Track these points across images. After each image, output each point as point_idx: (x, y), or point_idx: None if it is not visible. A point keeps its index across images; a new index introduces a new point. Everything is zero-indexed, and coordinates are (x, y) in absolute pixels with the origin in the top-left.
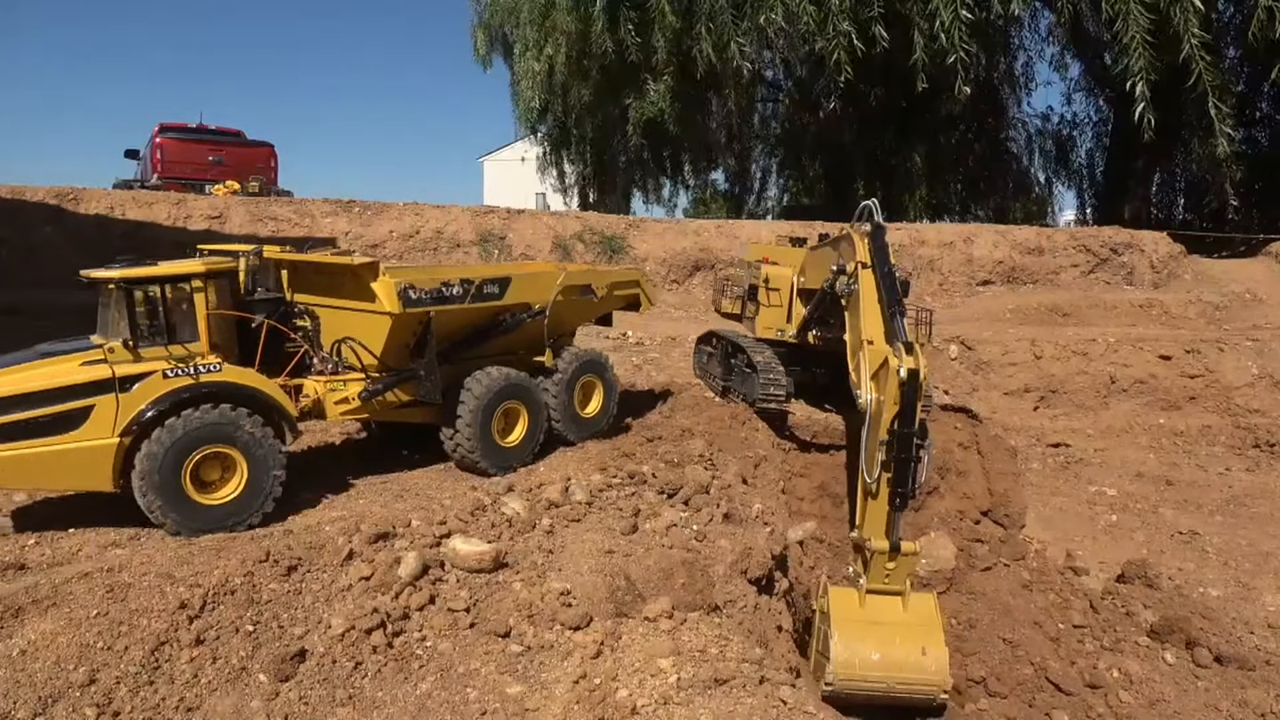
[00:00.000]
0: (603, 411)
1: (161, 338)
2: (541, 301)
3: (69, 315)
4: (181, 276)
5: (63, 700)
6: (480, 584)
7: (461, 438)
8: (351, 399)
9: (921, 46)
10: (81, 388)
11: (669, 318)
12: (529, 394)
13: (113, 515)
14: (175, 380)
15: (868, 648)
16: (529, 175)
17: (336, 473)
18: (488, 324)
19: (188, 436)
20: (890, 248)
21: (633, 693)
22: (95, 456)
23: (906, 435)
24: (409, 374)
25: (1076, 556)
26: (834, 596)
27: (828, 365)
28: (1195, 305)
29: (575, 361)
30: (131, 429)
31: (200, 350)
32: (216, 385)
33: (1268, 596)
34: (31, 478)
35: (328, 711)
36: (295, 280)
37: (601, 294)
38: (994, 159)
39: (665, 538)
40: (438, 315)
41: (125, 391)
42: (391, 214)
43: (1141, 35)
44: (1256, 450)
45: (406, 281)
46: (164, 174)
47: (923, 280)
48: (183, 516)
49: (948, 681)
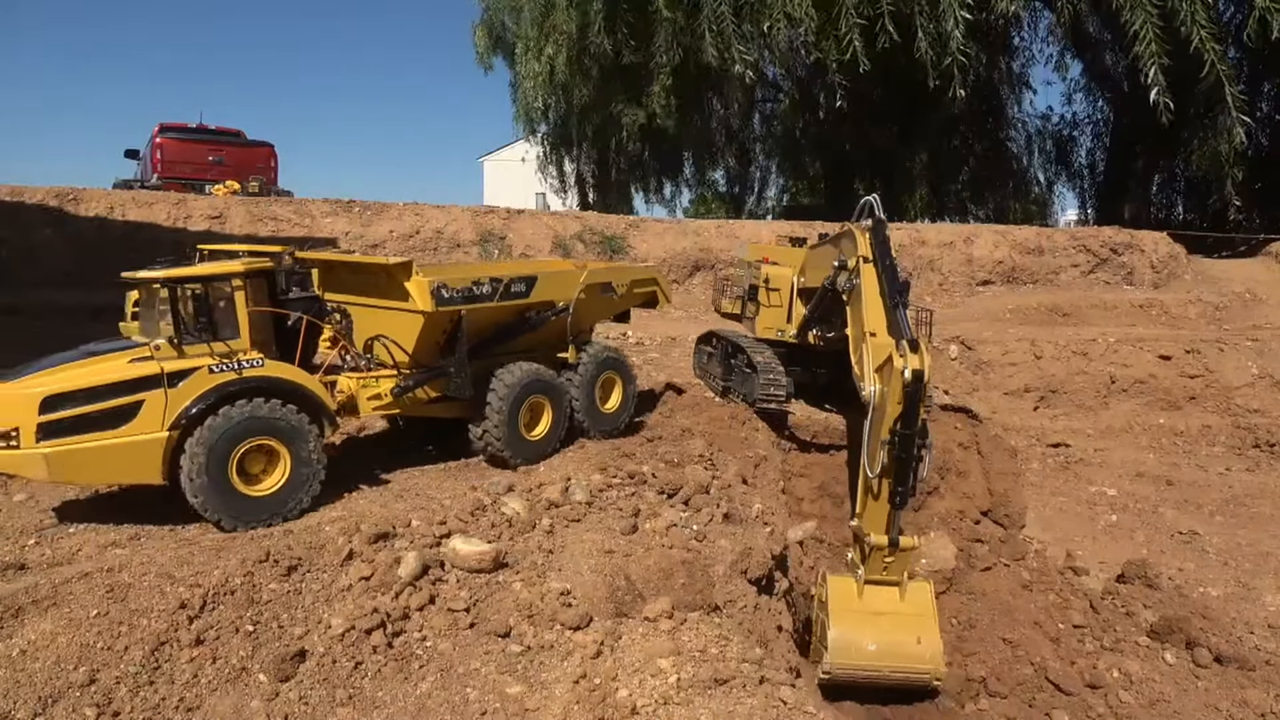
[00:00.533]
0: (623, 407)
1: (204, 335)
2: (565, 299)
3: (69, 315)
4: (223, 276)
5: (63, 700)
6: (480, 584)
7: (490, 431)
8: (384, 395)
9: (926, 45)
10: (132, 383)
11: (669, 317)
12: (553, 388)
13: (113, 515)
14: (220, 375)
15: (864, 637)
16: (529, 175)
17: (336, 473)
18: (514, 321)
19: (234, 429)
20: (890, 245)
21: (633, 693)
22: (146, 450)
23: (908, 436)
24: (439, 370)
25: (1076, 556)
26: (832, 586)
27: (828, 365)
28: (1195, 305)
29: (597, 358)
30: (180, 423)
31: (242, 347)
32: (260, 380)
33: (1268, 596)
34: (86, 472)
35: (328, 711)
36: (326, 280)
37: (622, 291)
38: (994, 159)
39: (665, 538)
40: (468, 313)
41: (173, 387)
42: (391, 214)
43: (1151, 22)
44: (1256, 450)
45: (439, 280)
46: (164, 174)
47: (923, 280)
48: (230, 508)
49: (941, 669)
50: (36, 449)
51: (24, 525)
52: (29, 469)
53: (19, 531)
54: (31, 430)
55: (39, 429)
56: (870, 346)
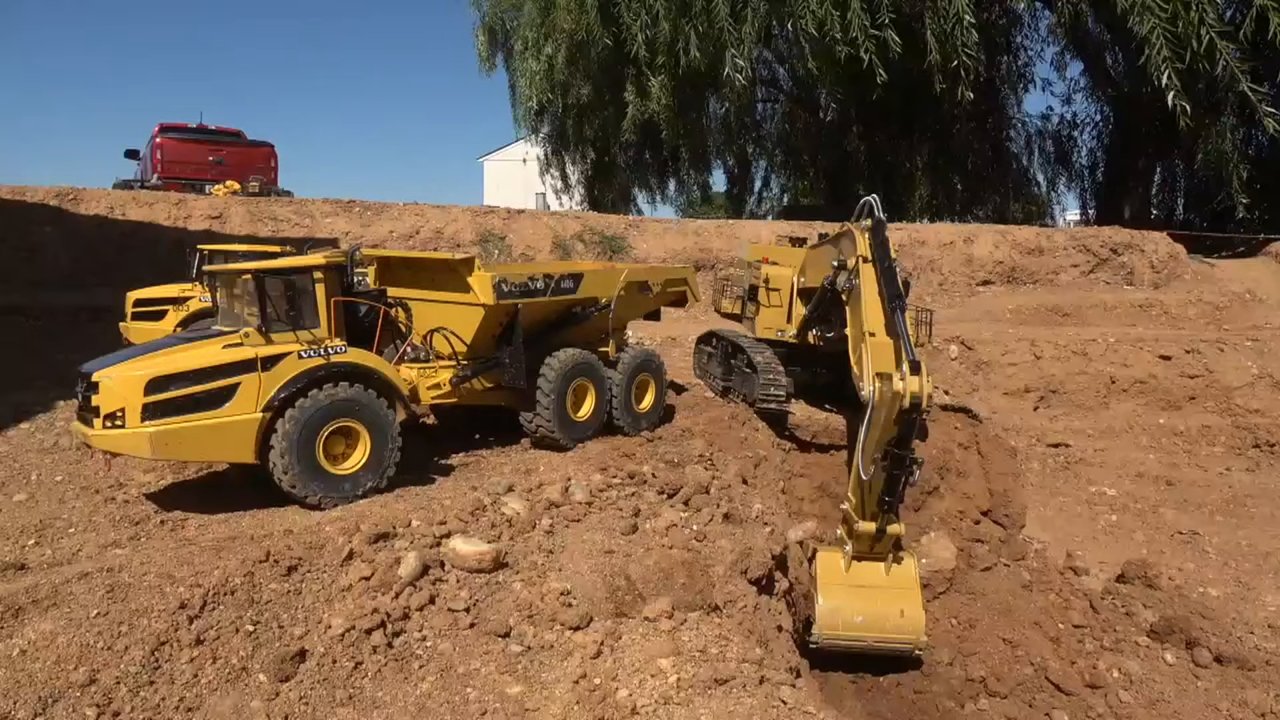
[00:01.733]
0: (654, 407)
1: (289, 324)
2: (608, 295)
3: (69, 315)
4: (305, 269)
5: (63, 700)
6: (480, 584)
7: (541, 414)
8: (443, 384)
9: (935, 48)
10: (230, 367)
11: (669, 317)
12: (596, 372)
13: (112, 515)
14: (309, 361)
15: (851, 609)
16: (529, 175)
17: None
18: (562, 315)
19: (322, 411)
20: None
21: (633, 693)
22: (241, 430)
23: (900, 457)
24: (495, 361)
25: (1076, 556)
26: (821, 560)
27: (828, 365)
28: (1195, 305)
29: (634, 360)
30: (272, 404)
31: (322, 335)
32: (344, 365)
33: (1268, 596)
34: (187, 449)
35: (328, 711)
36: (383, 275)
37: (657, 290)
38: (994, 159)
39: (665, 538)
40: (524, 307)
41: (266, 371)
42: (391, 214)
43: (1161, 26)
44: (1256, 450)
45: (499, 276)
46: (164, 174)
47: (923, 280)
48: (317, 485)
49: (923, 639)
50: (142, 428)
51: (24, 525)
52: (134, 447)
53: (19, 531)
54: (137, 410)
55: (144, 409)
56: (869, 347)
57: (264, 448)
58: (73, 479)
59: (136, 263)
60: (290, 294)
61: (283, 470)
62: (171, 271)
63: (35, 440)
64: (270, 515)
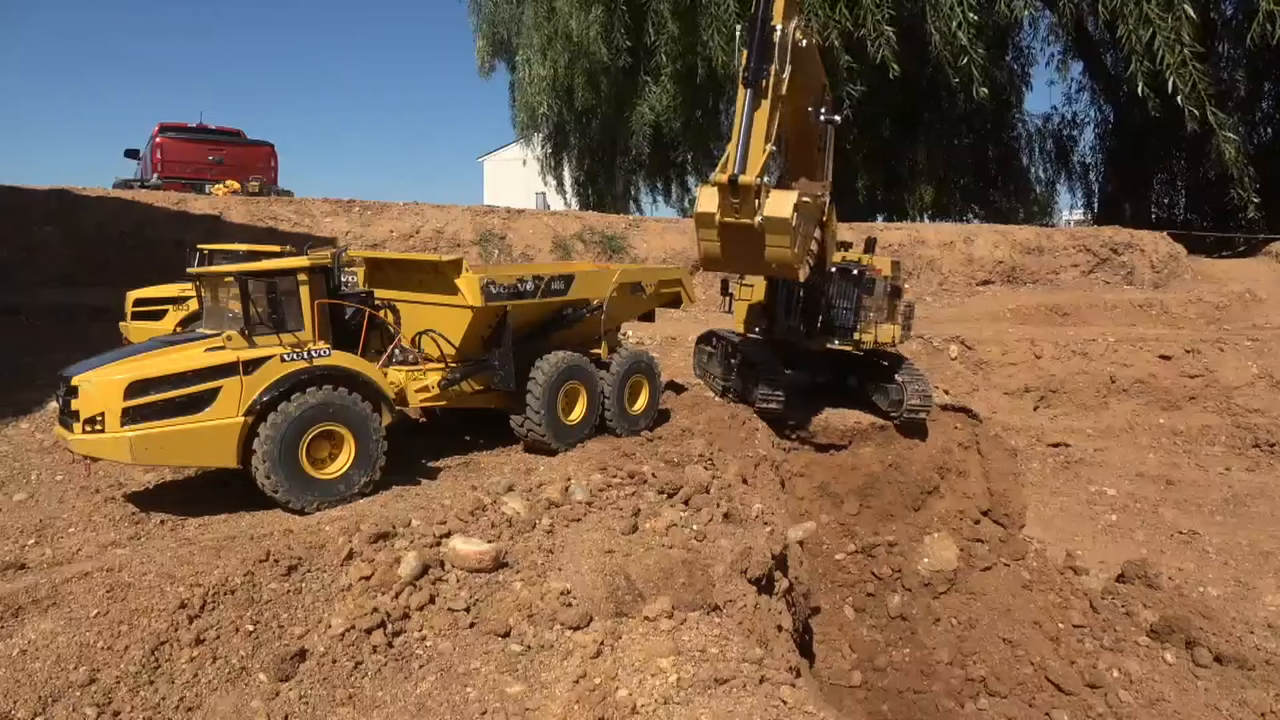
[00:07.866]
0: (648, 409)
1: (272, 326)
2: (599, 297)
3: (69, 315)
4: (289, 271)
5: (63, 700)
6: (480, 584)
7: (532, 418)
8: (431, 387)
9: (941, 46)
10: (211, 370)
11: (669, 317)
12: (587, 374)
13: (112, 514)
14: (292, 364)
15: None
16: (529, 175)
17: None
18: (552, 317)
19: (305, 415)
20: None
21: (633, 692)
22: (222, 434)
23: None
24: (484, 364)
25: (1076, 556)
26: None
27: (828, 365)
28: (1195, 305)
29: (627, 361)
30: (255, 408)
31: (307, 338)
32: (328, 369)
33: (1268, 596)
34: (168, 454)
35: (328, 711)
36: (372, 276)
37: (650, 291)
38: (995, 159)
39: (665, 537)
40: (513, 309)
41: (249, 374)
42: (391, 214)
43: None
44: (1256, 450)
45: (488, 277)
46: (164, 174)
47: (923, 280)
48: (300, 490)
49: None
50: (122, 433)
51: (24, 525)
52: (114, 452)
53: (19, 531)
54: (117, 415)
55: (124, 414)
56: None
57: (247, 452)
58: (73, 479)
59: (136, 263)
60: (274, 296)
61: (265, 474)
62: (171, 271)
63: (35, 440)
64: (270, 515)
